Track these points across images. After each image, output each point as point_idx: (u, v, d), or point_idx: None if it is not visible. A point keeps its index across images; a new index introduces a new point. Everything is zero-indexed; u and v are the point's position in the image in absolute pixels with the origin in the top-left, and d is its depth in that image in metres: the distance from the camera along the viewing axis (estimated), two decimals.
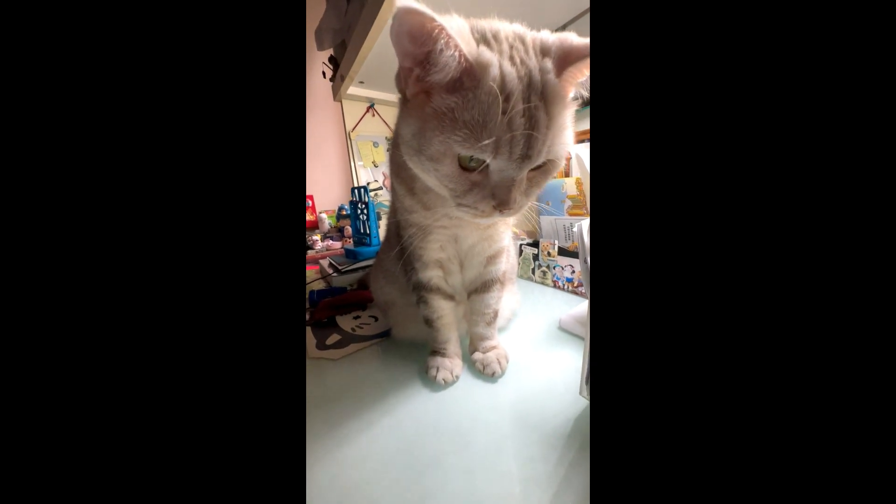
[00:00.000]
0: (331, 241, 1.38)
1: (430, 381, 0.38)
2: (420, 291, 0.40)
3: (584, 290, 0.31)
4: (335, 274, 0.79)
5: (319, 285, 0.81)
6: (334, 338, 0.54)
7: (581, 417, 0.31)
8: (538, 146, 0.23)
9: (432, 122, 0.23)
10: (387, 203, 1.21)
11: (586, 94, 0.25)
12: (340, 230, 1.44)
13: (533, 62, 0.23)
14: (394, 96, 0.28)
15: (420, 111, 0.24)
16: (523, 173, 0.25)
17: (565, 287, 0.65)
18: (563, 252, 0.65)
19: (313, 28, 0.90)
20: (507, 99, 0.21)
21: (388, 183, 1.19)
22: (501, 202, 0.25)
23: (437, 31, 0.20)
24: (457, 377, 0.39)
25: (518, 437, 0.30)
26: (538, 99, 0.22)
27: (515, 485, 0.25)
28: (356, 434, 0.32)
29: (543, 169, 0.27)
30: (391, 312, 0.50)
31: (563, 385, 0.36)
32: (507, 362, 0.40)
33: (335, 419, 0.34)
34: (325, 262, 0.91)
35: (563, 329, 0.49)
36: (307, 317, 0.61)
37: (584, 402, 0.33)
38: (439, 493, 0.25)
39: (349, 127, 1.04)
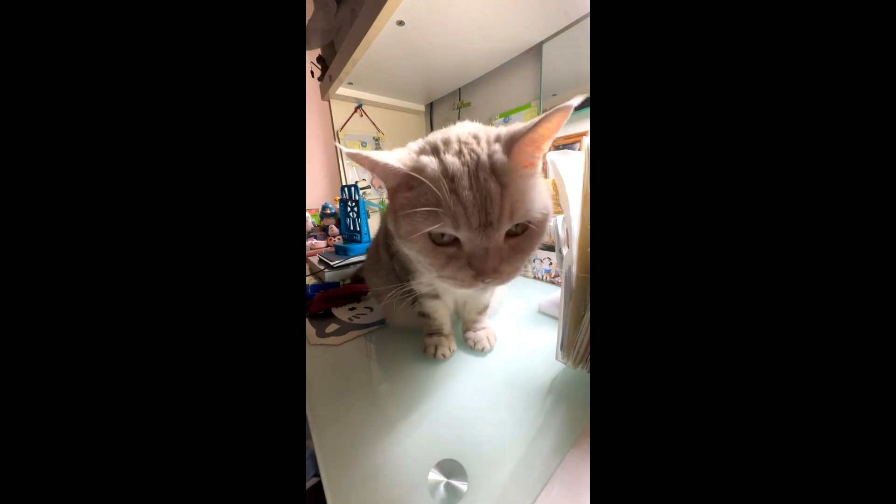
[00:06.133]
0: (314, 240, 1.38)
1: (429, 359, 0.44)
2: (417, 298, 0.44)
3: (559, 280, 0.37)
4: (326, 269, 0.81)
5: (310, 281, 0.83)
6: (333, 327, 0.58)
7: (556, 377, 0.38)
8: (496, 212, 0.26)
9: (401, 211, 0.29)
10: (375, 201, 1.23)
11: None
12: (325, 229, 1.44)
13: (482, 149, 0.28)
14: (382, 97, 0.34)
15: (394, 204, 0.31)
16: (493, 241, 0.27)
17: (543, 278, 0.72)
18: (541, 246, 0.73)
19: None
20: (452, 180, 0.26)
21: (375, 182, 1.22)
22: (479, 271, 0.28)
23: (366, 161, 0.28)
24: (453, 352, 0.44)
25: (507, 394, 0.36)
26: (488, 174, 0.26)
27: (507, 429, 0.31)
28: (362, 403, 0.37)
29: (524, 235, 0.29)
30: (383, 300, 0.54)
31: (542, 355, 0.42)
32: (496, 340, 0.46)
33: (339, 394, 0.39)
34: (314, 259, 0.93)
35: (542, 312, 0.55)
36: None
37: (559, 366, 0.40)
38: (444, 440, 0.30)
39: (337, 126, 1.06)
